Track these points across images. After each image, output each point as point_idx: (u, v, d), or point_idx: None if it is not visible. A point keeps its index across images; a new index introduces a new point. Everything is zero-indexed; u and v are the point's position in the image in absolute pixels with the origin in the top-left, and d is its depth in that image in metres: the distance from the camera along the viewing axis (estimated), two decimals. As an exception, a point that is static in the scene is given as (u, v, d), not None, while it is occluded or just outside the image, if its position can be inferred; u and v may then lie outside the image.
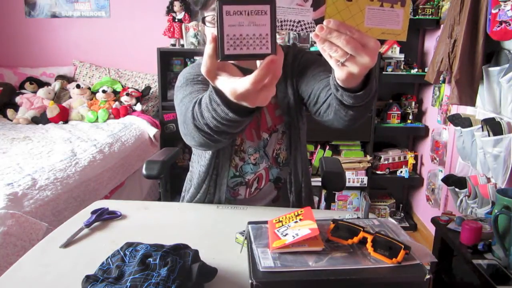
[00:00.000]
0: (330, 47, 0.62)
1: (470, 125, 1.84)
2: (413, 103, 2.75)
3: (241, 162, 1.15)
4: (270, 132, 1.15)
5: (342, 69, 0.64)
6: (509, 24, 1.56)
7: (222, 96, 0.64)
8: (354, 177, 2.74)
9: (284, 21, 0.77)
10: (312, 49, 2.63)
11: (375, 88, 0.75)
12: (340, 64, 0.63)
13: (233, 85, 0.58)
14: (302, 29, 0.80)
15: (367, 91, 0.71)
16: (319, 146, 2.78)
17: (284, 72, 1.10)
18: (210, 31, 0.97)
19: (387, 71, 2.63)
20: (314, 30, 0.63)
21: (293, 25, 0.79)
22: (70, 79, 3.17)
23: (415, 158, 2.84)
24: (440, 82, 2.30)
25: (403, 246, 0.65)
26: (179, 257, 0.69)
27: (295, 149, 1.16)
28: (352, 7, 0.66)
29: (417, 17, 2.54)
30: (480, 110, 1.91)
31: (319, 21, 0.71)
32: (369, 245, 0.69)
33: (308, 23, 0.80)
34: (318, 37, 0.62)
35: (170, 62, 2.83)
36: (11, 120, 2.84)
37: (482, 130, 1.73)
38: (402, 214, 2.94)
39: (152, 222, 0.98)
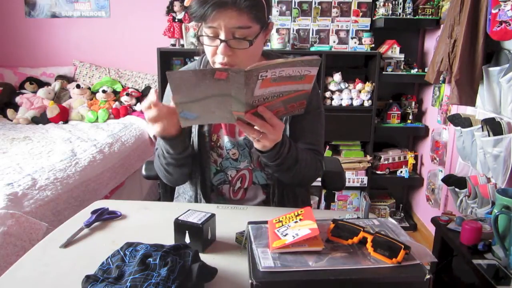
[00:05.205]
0: (249, 132, 0.86)
1: (470, 125, 1.84)
2: (413, 103, 2.75)
3: (219, 158, 1.15)
4: None
5: (258, 143, 0.90)
6: (509, 24, 1.56)
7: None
8: (354, 177, 2.73)
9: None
10: (311, 49, 2.63)
11: (287, 154, 0.98)
12: (256, 140, 0.88)
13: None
14: None
15: (272, 154, 0.95)
16: (319, 146, 2.78)
17: None
18: (206, 48, 0.99)
19: (387, 71, 2.62)
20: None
21: None
22: (70, 79, 3.17)
23: (415, 158, 2.84)
24: (440, 82, 2.30)
25: (403, 246, 0.65)
26: (179, 257, 0.69)
27: None
28: None
29: (417, 17, 2.54)
30: (480, 110, 1.91)
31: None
32: (369, 245, 0.69)
33: None
34: (240, 123, 0.84)
35: (170, 62, 2.83)
36: (11, 120, 2.84)
37: (482, 130, 1.73)
38: (402, 214, 2.93)
39: (152, 222, 0.98)
